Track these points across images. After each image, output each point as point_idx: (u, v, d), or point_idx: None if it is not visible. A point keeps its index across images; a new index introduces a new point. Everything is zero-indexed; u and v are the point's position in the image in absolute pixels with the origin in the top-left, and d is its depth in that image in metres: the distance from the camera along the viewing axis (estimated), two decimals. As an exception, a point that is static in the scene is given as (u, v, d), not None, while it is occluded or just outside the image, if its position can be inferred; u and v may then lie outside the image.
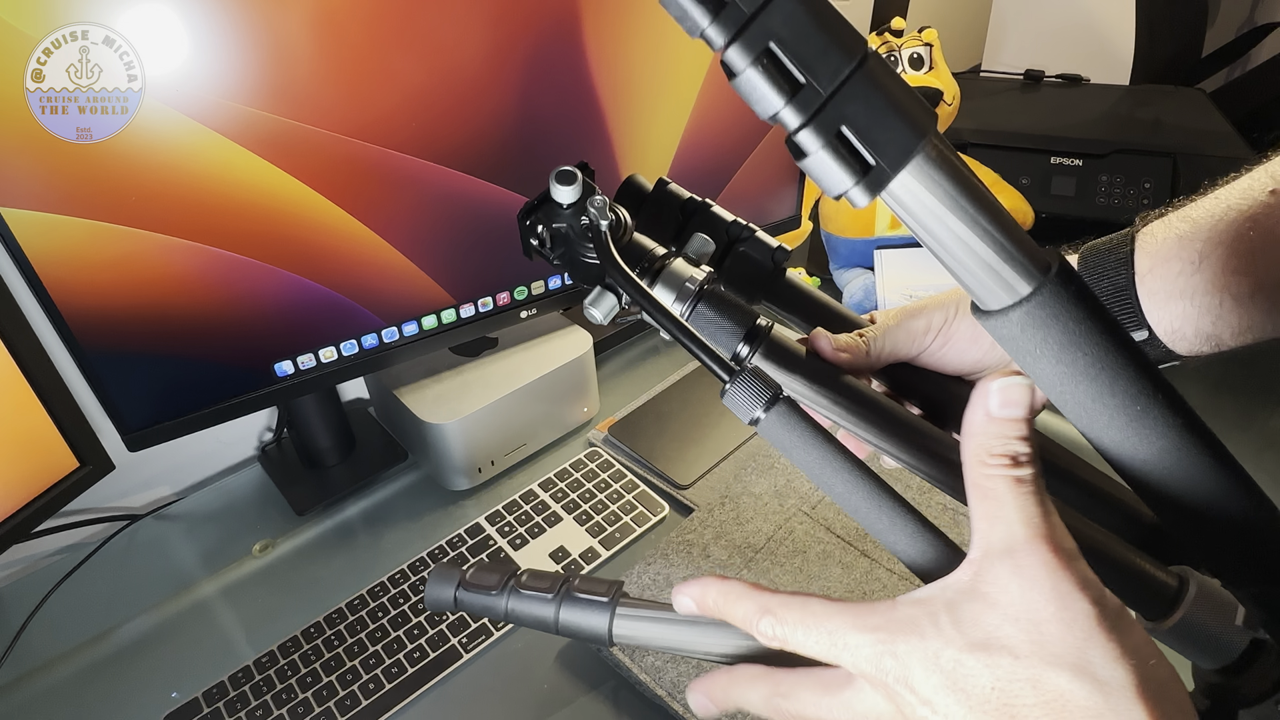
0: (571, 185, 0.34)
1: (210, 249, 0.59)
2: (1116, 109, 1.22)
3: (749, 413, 0.28)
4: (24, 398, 0.59)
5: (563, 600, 0.32)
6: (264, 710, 0.58)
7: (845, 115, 0.21)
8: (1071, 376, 0.24)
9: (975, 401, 0.24)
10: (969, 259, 0.23)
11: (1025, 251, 0.23)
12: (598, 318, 0.32)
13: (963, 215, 0.22)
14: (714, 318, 0.33)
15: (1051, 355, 0.24)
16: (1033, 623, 0.22)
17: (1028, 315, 0.23)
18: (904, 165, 0.22)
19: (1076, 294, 0.23)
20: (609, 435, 0.82)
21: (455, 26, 0.61)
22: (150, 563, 0.73)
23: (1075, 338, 0.23)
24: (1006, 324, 0.24)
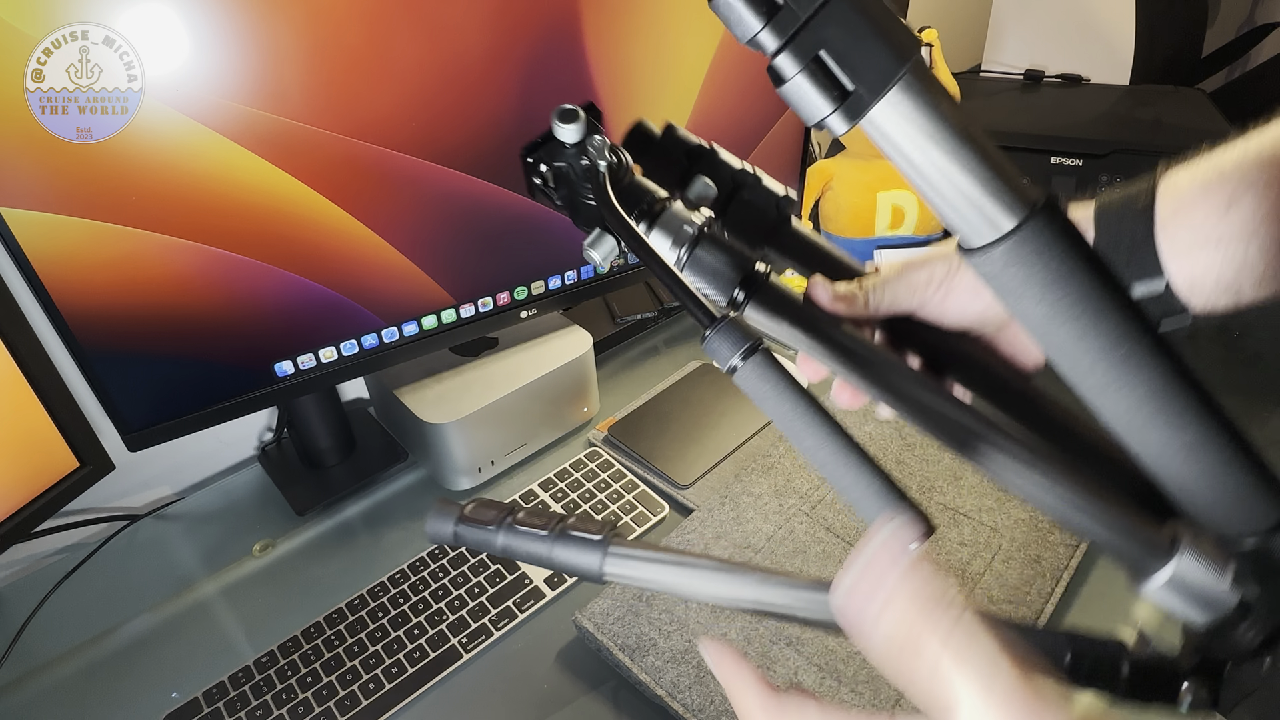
0: (574, 124, 0.33)
1: (210, 249, 0.59)
2: (1116, 109, 1.22)
3: (726, 361, 0.28)
4: (24, 398, 0.59)
5: (557, 537, 0.33)
6: (264, 710, 0.58)
7: (824, 39, 0.21)
8: (1054, 317, 0.23)
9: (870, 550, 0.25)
10: (952, 192, 0.23)
11: (1010, 186, 0.22)
12: (596, 260, 0.33)
13: (945, 146, 0.22)
14: (710, 263, 0.33)
15: (1034, 294, 0.23)
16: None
17: (1010, 252, 0.23)
18: (884, 92, 0.21)
19: (1061, 231, 0.22)
20: (609, 435, 0.82)
21: (455, 26, 0.61)
22: (150, 563, 0.73)
23: (1059, 276, 0.22)
24: (989, 261, 0.23)
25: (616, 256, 0.33)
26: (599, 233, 0.33)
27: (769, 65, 0.22)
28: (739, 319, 0.29)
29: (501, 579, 0.68)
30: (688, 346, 0.97)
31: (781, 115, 0.85)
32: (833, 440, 0.28)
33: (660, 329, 1.01)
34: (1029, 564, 0.64)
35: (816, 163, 1.04)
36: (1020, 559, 0.65)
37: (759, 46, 0.22)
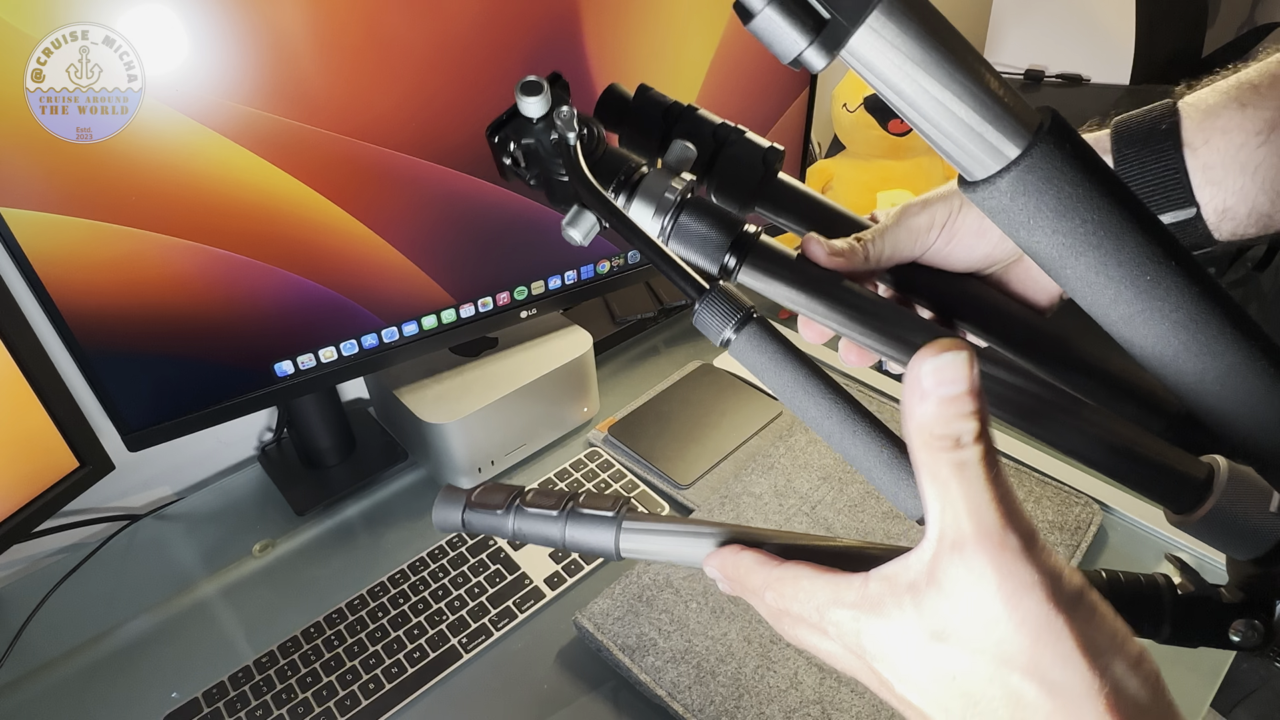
0: (537, 96, 0.31)
1: (210, 249, 0.59)
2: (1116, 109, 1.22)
3: (718, 334, 0.27)
4: (24, 398, 0.59)
5: (569, 517, 0.32)
6: (264, 710, 0.58)
7: None
8: (1071, 247, 0.21)
9: (910, 381, 0.22)
10: (948, 122, 0.21)
11: (1011, 110, 0.20)
12: (576, 239, 0.30)
13: (937, 73, 0.20)
14: (695, 229, 0.31)
15: (1047, 225, 0.21)
16: (984, 622, 0.22)
17: (1017, 181, 0.21)
18: (863, 18, 0.19)
19: (1072, 153, 0.20)
20: (609, 435, 0.82)
21: (455, 25, 0.61)
22: (150, 563, 0.73)
23: (1073, 202, 0.20)
24: (994, 193, 0.21)
25: (598, 232, 0.31)
26: (577, 209, 0.30)
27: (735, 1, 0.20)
28: (727, 287, 0.28)
29: (501, 579, 0.68)
30: (688, 346, 0.97)
31: (782, 115, 0.85)
32: (838, 409, 0.26)
33: (660, 329, 1.01)
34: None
35: (816, 163, 1.04)
36: (1020, 559, 0.65)
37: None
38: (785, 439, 0.79)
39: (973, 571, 0.22)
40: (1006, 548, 0.22)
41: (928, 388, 0.21)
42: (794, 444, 0.78)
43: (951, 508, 0.22)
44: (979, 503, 0.22)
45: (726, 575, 0.30)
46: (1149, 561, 0.67)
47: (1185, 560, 0.30)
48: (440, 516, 0.33)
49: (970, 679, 0.23)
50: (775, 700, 0.56)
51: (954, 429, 0.21)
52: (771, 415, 0.83)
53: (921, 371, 0.22)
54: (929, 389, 0.21)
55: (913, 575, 0.24)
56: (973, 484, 0.22)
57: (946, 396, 0.21)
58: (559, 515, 0.32)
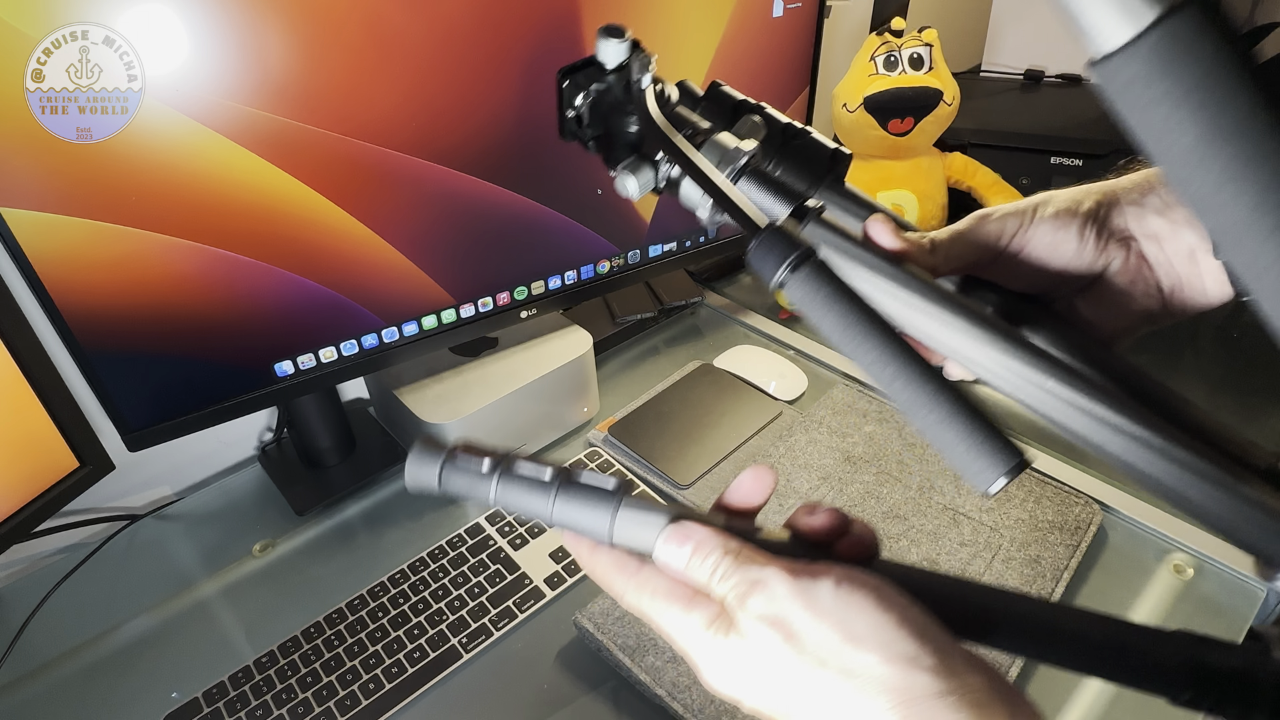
0: (619, 39, 0.30)
1: (210, 249, 0.59)
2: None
3: (772, 274, 0.25)
4: (24, 398, 0.59)
5: (561, 488, 0.28)
6: (264, 710, 0.58)
7: None
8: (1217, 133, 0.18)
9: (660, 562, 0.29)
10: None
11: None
12: (630, 190, 0.29)
13: None
14: (757, 194, 0.30)
15: (1187, 103, 0.18)
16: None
17: (1155, 46, 0.18)
18: None
19: (1220, 20, 0.18)
20: (609, 435, 0.82)
21: (455, 26, 0.61)
22: (150, 563, 0.73)
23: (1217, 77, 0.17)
24: (1129, 62, 0.18)
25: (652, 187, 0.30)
26: (636, 158, 0.29)
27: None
28: (787, 225, 0.26)
29: (501, 579, 0.68)
30: (688, 346, 0.97)
31: (781, 115, 0.84)
32: (899, 357, 0.24)
33: (660, 329, 1.01)
34: (1029, 564, 0.64)
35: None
36: (1020, 559, 0.65)
37: None
38: (785, 439, 0.79)
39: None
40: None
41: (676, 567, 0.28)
42: (794, 444, 0.78)
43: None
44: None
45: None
46: (1149, 562, 0.67)
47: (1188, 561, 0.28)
48: (414, 473, 0.29)
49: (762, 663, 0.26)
50: (775, 700, 0.56)
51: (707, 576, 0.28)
52: (771, 415, 0.83)
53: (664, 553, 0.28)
54: (677, 568, 0.28)
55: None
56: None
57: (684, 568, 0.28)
58: (550, 483, 0.28)
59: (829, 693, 0.24)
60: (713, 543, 0.28)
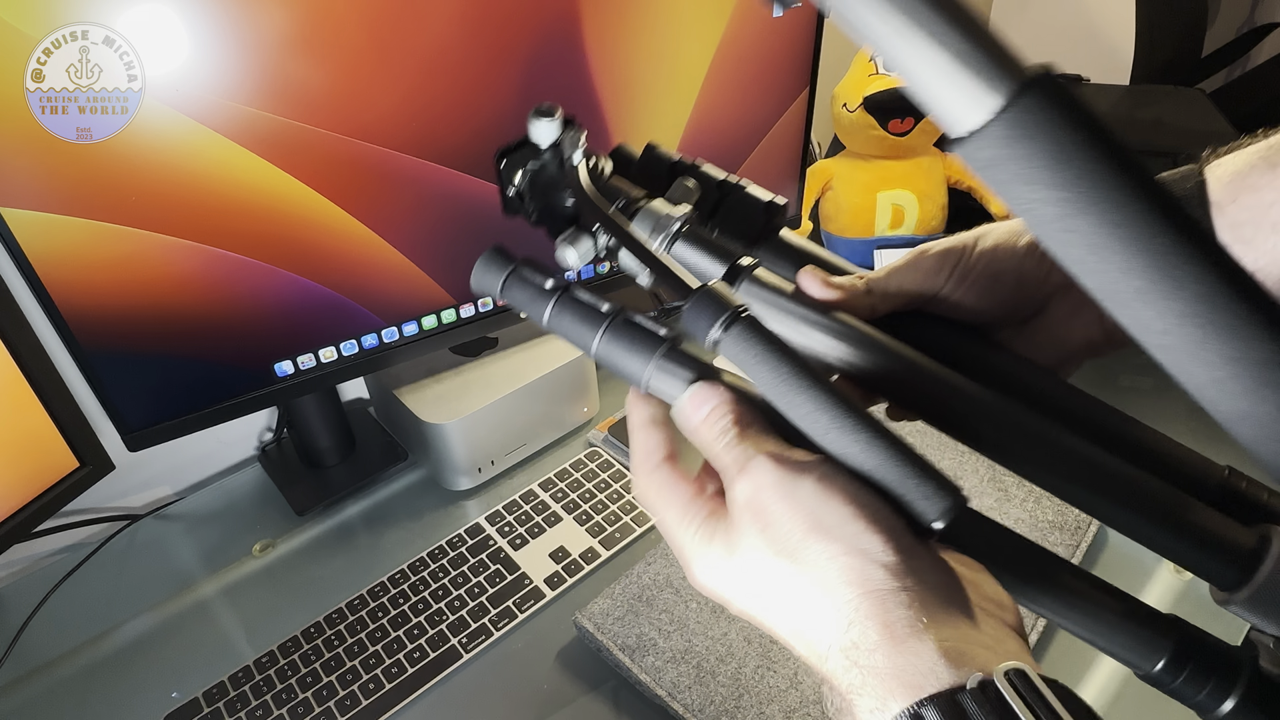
0: (548, 119, 0.31)
1: (210, 249, 0.59)
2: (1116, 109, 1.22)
3: (706, 335, 0.26)
4: (24, 398, 0.59)
5: (613, 323, 0.28)
6: (264, 710, 0.58)
7: None
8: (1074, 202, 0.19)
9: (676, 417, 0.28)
10: (927, 71, 0.19)
11: (998, 57, 0.19)
12: (570, 260, 0.30)
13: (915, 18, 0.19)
14: (691, 258, 0.31)
15: (1044, 177, 0.19)
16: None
17: (1012, 125, 0.19)
18: None
19: (1067, 100, 0.19)
20: (609, 435, 0.82)
21: (456, 26, 0.61)
22: (150, 563, 0.73)
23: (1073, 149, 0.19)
24: (983, 145, 0.19)
25: (592, 257, 0.31)
26: (574, 230, 0.31)
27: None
28: (718, 286, 0.26)
29: (501, 579, 0.68)
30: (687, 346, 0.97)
31: (782, 115, 0.85)
32: (832, 408, 0.25)
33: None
34: (1029, 564, 0.64)
35: (816, 163, 1.04)
36: (1020, 559, 0.65)
37: None
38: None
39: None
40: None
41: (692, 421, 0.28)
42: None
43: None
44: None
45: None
46: (1149, 562, 0.67)
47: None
48: (480, 278, 0.30)
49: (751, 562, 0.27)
50: (775, 700, 0.56)
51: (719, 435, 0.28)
52: (771, 415, 0.83)
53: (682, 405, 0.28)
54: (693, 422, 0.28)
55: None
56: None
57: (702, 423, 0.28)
58: (606, 314, 0.28)
59: (795, 583, 0.25)
60: (724, 410, 0.28)
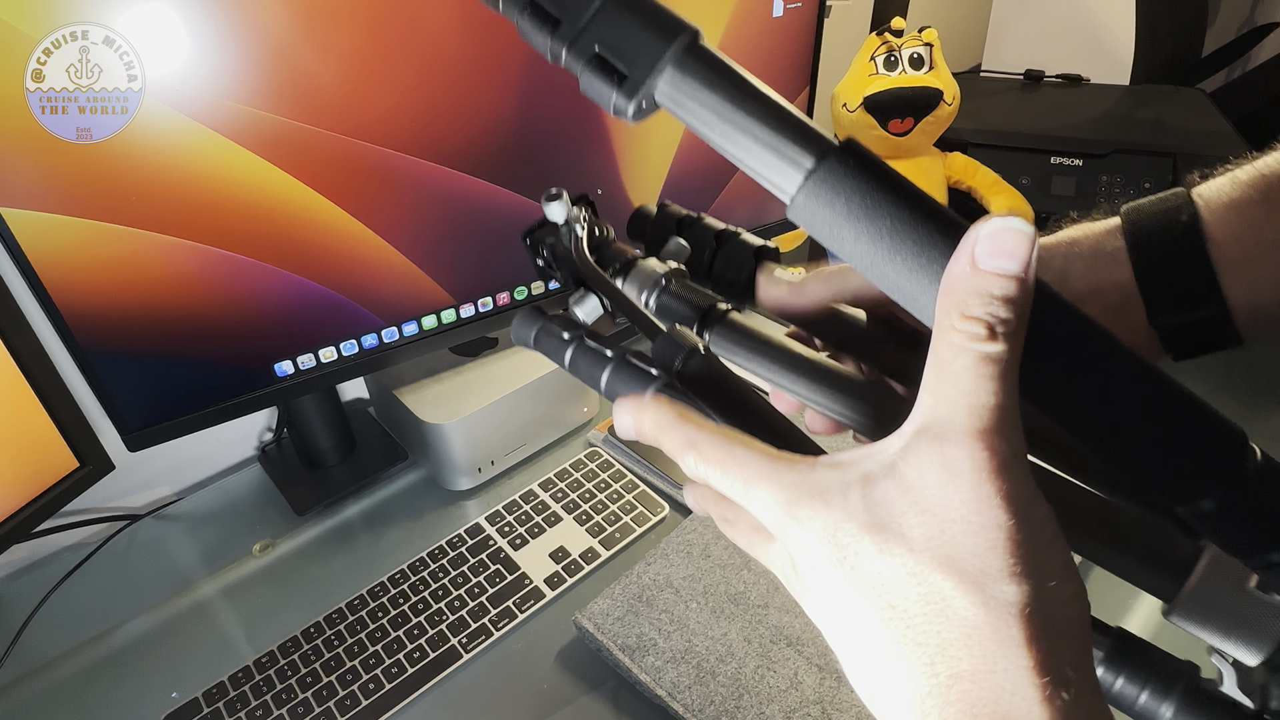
0: (557, 202, 0.37)
1: (210, 249, 0.59)
2: (1116, 109, 1.22)
3: (671, 368, 0.29)
4: (24, 398, 0.59)
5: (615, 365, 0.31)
6: (264, 710, 0.58)
7: (599, 39, 0.24)
8: (880, 252, 0.22)
9: (960, 249, 0.20)
10: (751, 155, 0.23)
11: (803, 134, 0.23)
12: (579, 317, 0.34)
13: (731, 113, 0.23)
14: (671, 305, 0.35)
15: (849, 231, 0.22)
16: (940, 520, 0.20)
17: (812, 194, 0.22)
18: (655, 71, 0.24)
19: (863, 163, 0.22)
20: (609, 435, 0.82)
21: (456, 26, 0.61)
22: (150, 563, 0.73)
23: (871, 204, 0.22)
24: (798, 209, 0.23)
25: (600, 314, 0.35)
26: (582, 291, 0.35)
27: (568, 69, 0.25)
28: (678, 329, 0.30)
29: (501, 579, 0.68)
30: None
31: (781, 115, 0.84)
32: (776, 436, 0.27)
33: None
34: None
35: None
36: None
37: (556, 59, 0.25)
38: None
39: (948, 467, 0.20)
40: (996, 453, 0.20)
41: (979, 255, 0.19)
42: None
43: (949, 401, 0.20)
44: (984, 402, 0.20)
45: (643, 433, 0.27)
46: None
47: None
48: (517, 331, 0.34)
49: (894, 577, 0.21)
50: (775, 700, 0.56)
51: (992, 311, 0.19)
52: (771, 415, 0.83)
53: (977, 235, 0.19)
54: (980, 257, 0.19)
55: (871, 466, 0.22)
56: (986, 381, 0.19)
57: (996, 271, 0.19)
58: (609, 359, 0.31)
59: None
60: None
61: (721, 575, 0.65)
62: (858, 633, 0.22)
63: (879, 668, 0.22)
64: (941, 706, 0.20)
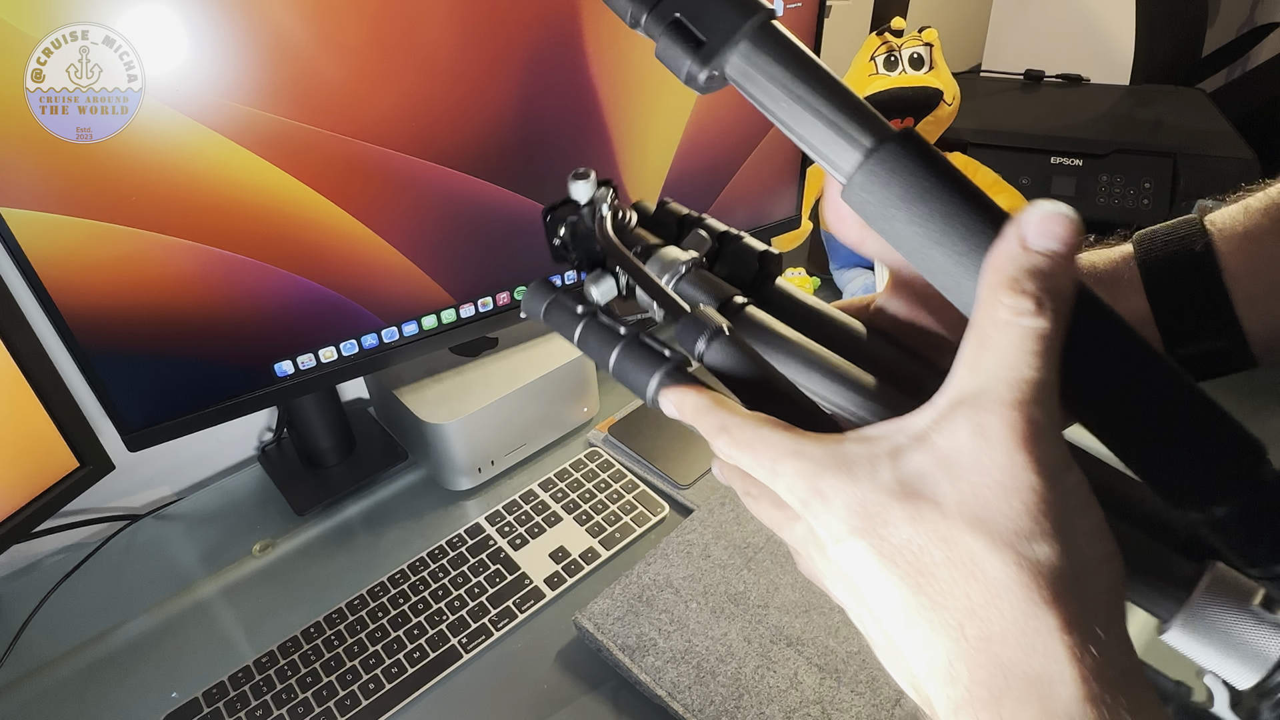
0: (584, 181, 0.36)
1: (210, 249, 0.59)
2: (1116, 109, 1.22)
3: (694, 349, 0.29)
4: (24, 398, 0.59)
5: (625, 344, 0.31)
6: (264, 710, 0.58)
7: (681, 6, 0.25)
8: (929, 235, 0.23)
9: (1009, 231, 0.21)
10: (812, 134, 0.24)
11: (863, 119, 0.24)
12: (594, 296, 0.34)
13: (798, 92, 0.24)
14: (691, 293, 0.35)
15: (903, 216, 0.23)
16: (973, 484, 0.20)
17: (869, 174, 0.23)
18: (731, 42, 0.25)
19: (919, 150, 0.23)
20: (609, 435, 0.82)
21: (456, 26, 0.61)
22: (150, 563, 0.73)
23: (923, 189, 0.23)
24: (854, 191, 0.24)
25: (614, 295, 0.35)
26: (600, 271, 0.35)
27: (646, 34, 0.26)
28: (703, 309, 0.29)
29: (501, 579, 0.68)
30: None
31: (781, 115, 0.84)
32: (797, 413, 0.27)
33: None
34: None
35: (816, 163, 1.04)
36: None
37: (635, 22, 0.26)
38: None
39: (983, 434, 0.20)
40: (1032, 422, 0.20)
41: (1027, 235, 0.20)
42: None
43: (988, 373, 0.20)
44: (1025, 375, 0.20)
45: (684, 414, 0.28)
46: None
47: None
48: (528, 304, 0.34)
49: (925, 543, 0.21)
50: (775, 700, 0.56)
51: (1038, 286, 0.20)
52: (771, 415, 0.83)
53: (1026, 217, 0.20)
54: (1030, 238, 0.20)
55: (902, 439, 0.22)
56: (1027, 355, 0.20)
57: (1043, 250, 0.20)
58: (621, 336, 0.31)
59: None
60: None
61: (721, 575, 0.65)
62: (885, 603, 0.22)
63: (906, 637, 0.22)
64: (971, 669, 0.21)
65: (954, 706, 0.21)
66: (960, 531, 0.21)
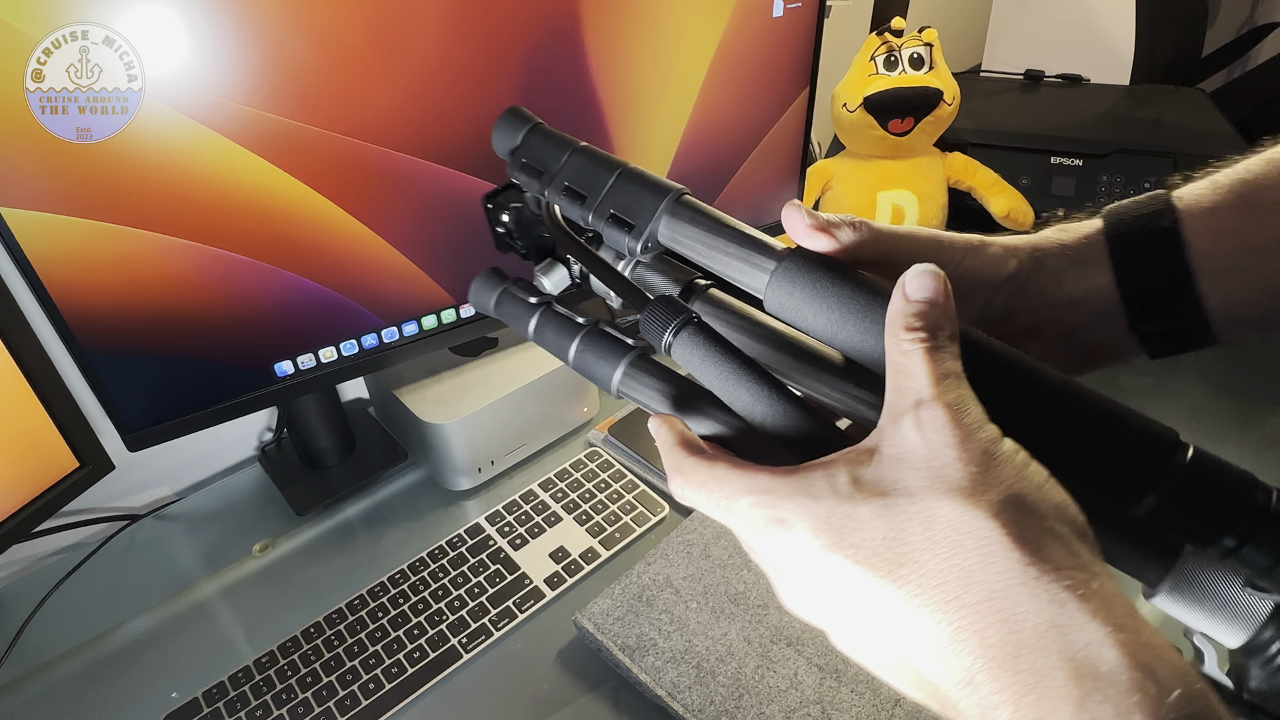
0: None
1: (210, 249, 0.59)
2: (1116, 109, 1.22)
3: (660, 340, 0.29)
4: (24, 398, 0.59)
5: (586, 335, 0.32)
6: (264, 710, 0.58)
7: (614, 204, 0.32)
8: (836, 322, 0.27)
9: (895, 293, 0.25)
10: (729, 268, 0.30)
11: (762, 248, 0.29)
12: (546, 287, 0.35)
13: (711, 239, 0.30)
14: (653, 279, 0.34)
15: (811, 311, 0.28)
16: (931, 466, 0.22)
17: (777, 287, 0.28)
18: (655, 218, 0.31)
19: (808, 259, 0.28)
20: (609, 435, 0.82)
21: (456, 25, 0.61)
22: (150, 563, 0.73)
23: (820, 288, 0.28)
24: (771, 302, 0.29)
25: (567, 285, 0.35)
26: (550, 261, 0.36)
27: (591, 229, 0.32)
28: (669, 296, 0.29)
29: (501, 579, 0.68)
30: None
31: (782, 115, 0.85)
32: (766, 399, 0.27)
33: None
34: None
35: (816, 162, 1.04)
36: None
37: (584, 221, 0.32)
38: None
39: (924, 424, 0.23)
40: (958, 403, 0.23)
41: (909, 291, 0.25)
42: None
43: (906, 386, 0.23)
44: (935, 375, 0.23)
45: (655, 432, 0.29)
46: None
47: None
48: (476, 296, 0.35)
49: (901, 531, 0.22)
50: (775, 700, 0.56)
51: (928, 322, 0.24)
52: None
53: (905, 280, 0.25)
54: (910, 292, 0.25)
55: (853, 455, 0.24)
56: (934, 364, 0.23)
57: (922, 299, 0.24)
58: (581, 325, 0.32)
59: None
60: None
61: (721, 575, 0.65)
62: (868, 609, 0.23)
63: (898, 634, 0.22)
64: (980, 634, 0.20)
65: (967, 678, 0.20)
66: (937, 504, 0.22)
